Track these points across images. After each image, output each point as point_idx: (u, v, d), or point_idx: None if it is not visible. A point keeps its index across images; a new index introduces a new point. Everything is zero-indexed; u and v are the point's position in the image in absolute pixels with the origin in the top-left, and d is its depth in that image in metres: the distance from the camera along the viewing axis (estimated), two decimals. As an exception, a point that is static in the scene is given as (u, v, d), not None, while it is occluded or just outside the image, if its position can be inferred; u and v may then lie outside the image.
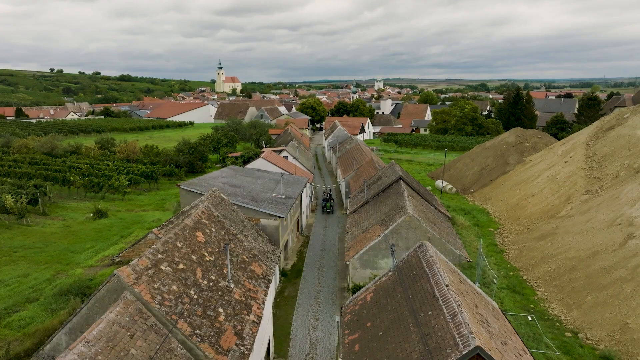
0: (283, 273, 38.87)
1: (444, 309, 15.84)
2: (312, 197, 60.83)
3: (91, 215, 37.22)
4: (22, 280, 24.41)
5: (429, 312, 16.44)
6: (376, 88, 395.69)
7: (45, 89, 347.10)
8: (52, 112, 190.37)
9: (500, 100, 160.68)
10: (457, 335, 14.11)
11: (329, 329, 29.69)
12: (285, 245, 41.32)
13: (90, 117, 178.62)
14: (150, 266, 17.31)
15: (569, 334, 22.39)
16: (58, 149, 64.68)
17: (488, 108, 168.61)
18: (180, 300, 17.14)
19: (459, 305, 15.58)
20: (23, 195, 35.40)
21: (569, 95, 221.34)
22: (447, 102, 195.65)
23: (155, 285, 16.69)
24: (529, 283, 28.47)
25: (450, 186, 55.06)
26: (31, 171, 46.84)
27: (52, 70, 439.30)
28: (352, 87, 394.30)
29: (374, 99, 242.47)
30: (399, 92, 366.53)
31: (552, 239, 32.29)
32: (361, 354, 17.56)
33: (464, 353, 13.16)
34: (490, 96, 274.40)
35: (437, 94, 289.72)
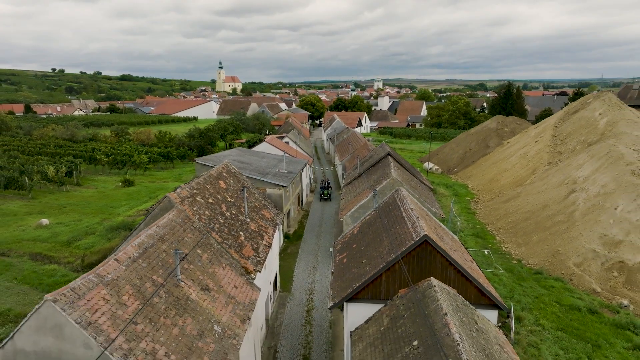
0: (286, 236, 44.43)
1: (407, 222, 21.61)
2: (312, 179, 66.52)
3: (120, 183, 43.02)
4: (77, 222, 30.16)
5: (397, 227, 22.21)
6: (375, 88, 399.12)
7: (48, 88, 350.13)
8: (58, 109, 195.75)
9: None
10: (413, 233, 19.87)
11: (325, 274, 35.27)
12: (288, 214, 46.93)
13: (96, 113, 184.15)
14: (189, 196, 23.07)
15: (514, 261, 28.20)
16: (78, 136, 70.50)
17: (483, 105, 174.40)
18: (212, 221, 22.87)
19: (418, 218, 21.35)
20: (62, 166, 41.20)
21: (563, 94, 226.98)
22: (443, 100, 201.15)
23: (194, 208, 22.43)
24: (492, 232, 34.27)
25: (436, 167, 60.85)
26: (61, 151, 52.64)
27: (53, 70, 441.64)
28: (351, 86, 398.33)
29: (372, 97, 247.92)
30: (398, 92, 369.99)
31: (514, 201, 38.12)
32: (348, 263, 23.34)
33: (415, 240, 18.93)
34: (488, 95, 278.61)
35: (435, 93, 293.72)
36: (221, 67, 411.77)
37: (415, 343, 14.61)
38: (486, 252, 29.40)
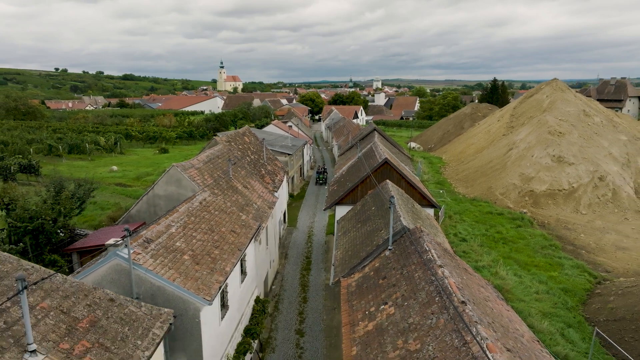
0: (290, 195, 54.47)
1: (377, 156, 31.85)
2: (311, 157, 76.83)
3: (157, 151, 53.17)
4: (136, 169, 40.26)
5: (371, 160, 32.46)
6: (374, 88, 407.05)
7: (53, 87, 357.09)
8: (70, 104, 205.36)
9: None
10: (379, 158, 30.09)
11: (322, 219, 45.28)
12: (292, 180, 57.09)
13: (107, 108, 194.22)
14: (227, 141, 33.28)
15: (460, 195, 38.48)
16: (107, 122, 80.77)
17: (473, 100, 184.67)
18: (242, 159, 33.06)
19: (384, 152, 31.59)
20: (111, 136, 51.41)
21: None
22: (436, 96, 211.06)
23: (231, 150, 32.61)
24: (450, 182, 44.55)
25: (418, 145, 71.16)
26: (101, 129, 62.83)
27: (56, 69, 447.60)
28: (349, 84, 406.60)
29: (370, 95, 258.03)
30: (397, 92, 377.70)
31: (472, 162, 48.42)
32: (337, 188, 33.58)
33: (379, 161, 29.17)
34: (482, 93, 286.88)
35: (433, 92, 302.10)
36: (222, 67, 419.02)
37: (373, 208, 24.78)
38: (441, 192, 39.66)
